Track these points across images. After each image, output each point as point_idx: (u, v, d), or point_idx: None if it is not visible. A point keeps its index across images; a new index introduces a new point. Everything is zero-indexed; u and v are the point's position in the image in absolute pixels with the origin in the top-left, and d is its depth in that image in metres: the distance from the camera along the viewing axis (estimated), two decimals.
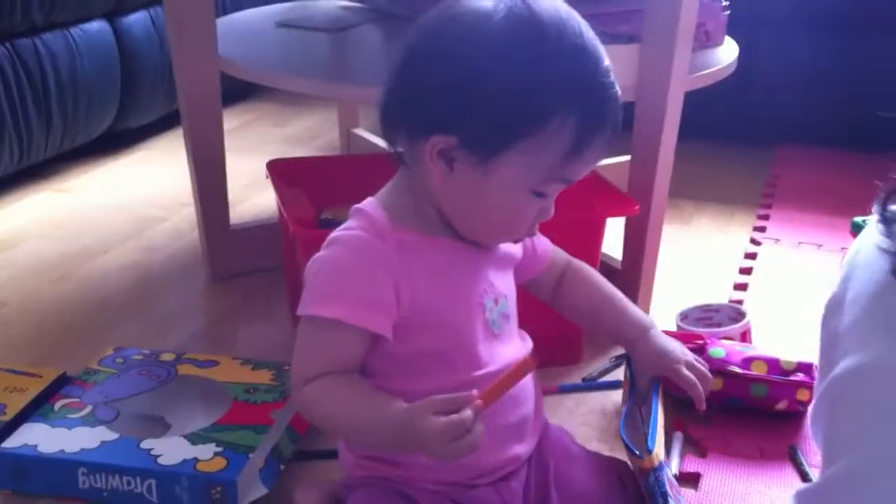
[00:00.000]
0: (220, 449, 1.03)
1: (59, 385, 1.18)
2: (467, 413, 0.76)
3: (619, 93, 0.84)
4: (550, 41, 0.79)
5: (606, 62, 0.82)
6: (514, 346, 0.92)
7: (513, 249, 0.95)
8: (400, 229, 0.86)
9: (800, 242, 1.75)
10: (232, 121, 2.41)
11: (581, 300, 1.03)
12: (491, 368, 0.88)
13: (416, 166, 0.85)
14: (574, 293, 1.03)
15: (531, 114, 0.79)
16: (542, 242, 1.02)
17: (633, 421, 1.01)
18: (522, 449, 0.91)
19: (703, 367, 0.99)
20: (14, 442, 1.04)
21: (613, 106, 0.83)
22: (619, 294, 1.03)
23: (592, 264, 1.30)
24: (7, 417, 1.12)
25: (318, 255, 0.86)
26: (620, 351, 1.25)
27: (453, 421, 0.76)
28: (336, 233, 0.87)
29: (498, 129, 0.80)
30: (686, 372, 0.97)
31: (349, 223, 0.88)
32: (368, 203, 0.89)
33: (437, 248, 0.87)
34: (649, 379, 1.00)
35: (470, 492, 0.88)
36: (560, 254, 1.04)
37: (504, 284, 0.93)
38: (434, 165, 0.83)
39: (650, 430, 0.94)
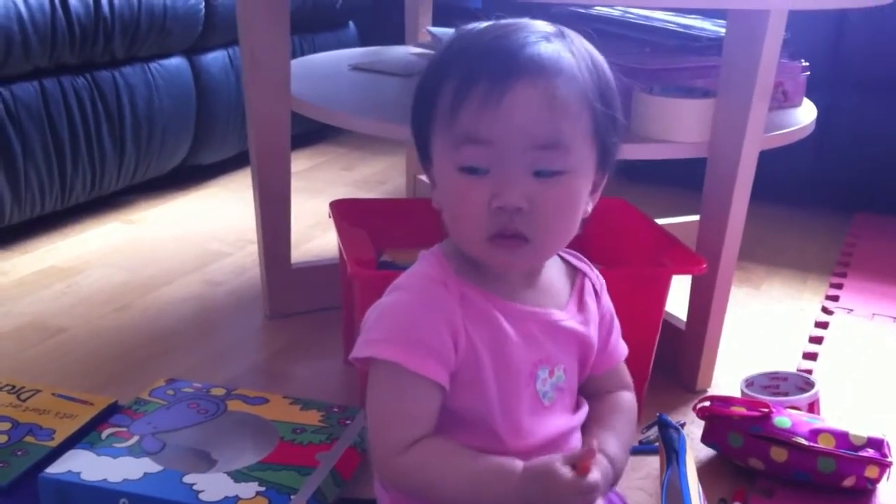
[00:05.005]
0: (262, 488, 1.01)
1: (109, 413, 1.18)
2: (597, 476, 0.78)
3: (507, 42, 0.79)
4: (459, 39, 0.83)
5: (524, 48, 0.78)
6: (564, 419, 0.88)
7: (590, 334, 0.90)
8: (464, 282, 0.84)
9: (874, 314, 1.69)
10: (302, 163, 2.43)
11: (594, 413, 0.93)
12: (534, 440, 0.84)
13: None
14: (597, 407, 0.93)
15: (425, 103, 0.83)
16: (620, 349, 0.96)
17: (674, 490, 0.97)
18: None
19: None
20: (59, 468, 1.03)
21: (484, 51, 0.79)
22: (627, 429, 0.93)
23: (655, 322, 1.28)
24: (55, 443, 1.12)
25: (379, 300, 0.85)
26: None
27: (593, 483, 0.77)
28: (399, 279, 0.85)
29: (417, 129, 0.86)
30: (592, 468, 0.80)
31: (413, 268, 0.86)
32: (434, 250, 0.87)
33: (496, 307, 0.84)
34: (678, 442, 0.96)
35: None
36: (625, 376, 0.97)
37: (566, 360, 0.88)
38: (431, 188, 0.86)
39: (685, 500, 0.90)
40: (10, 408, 1.18)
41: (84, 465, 1.03)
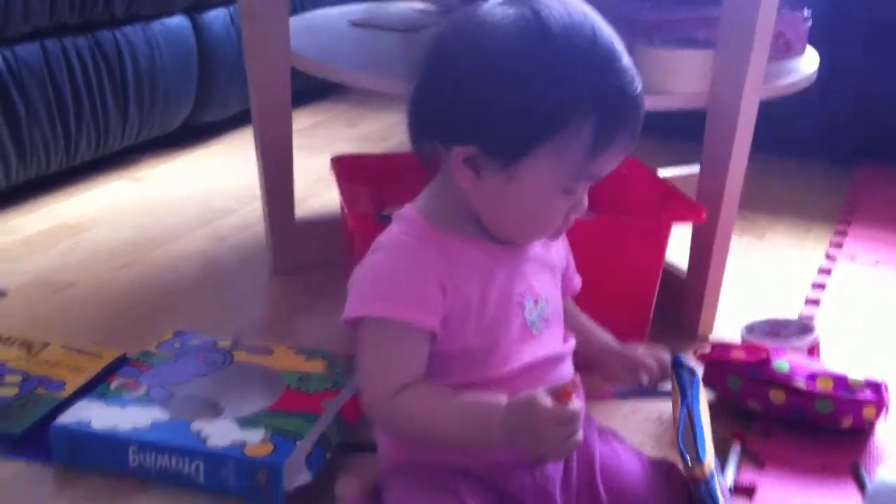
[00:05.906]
0: (268, 434, 1.03)
1: (118, 365, 1.20)
2: (578, 406, 0.79)
3: (640, 88, 0.83)
4: (558, 46, 0.79)
5: (624, 60, 0.82)
6: (552, 349, 0.92)
7: (553, 259, 0.95)
8: (440, 232, 0.87)
9: (877, 261, 1.70)
10: (304, 120, 2.44)
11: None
12: (521, 363, 0.88)
13: (448, 171, 0.86)
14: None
15: (544, 120, 0.80)
16: (578, 279, 1.03)
17: (686, 429, 0.99)
18: None
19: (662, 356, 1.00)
20: (70, 418, 1.06)
21: (632, 102, 0.82)
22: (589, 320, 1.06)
23: (655, 271, 1.29)
24: (66, 394, 1.14)
25: (362, 262, 0.87)
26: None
27: (573, 411, 0.78)
28: (378, 240, 0.88)
29: (514, 138, 0.81)
30: (645, 359, 0.98)
31: (390, 228, 0.89)
32: (407, 208, 0.90)
33: (475, 250, 0.87)
34: (692, 383, 0.98)
35: (504, 471, 0.88)
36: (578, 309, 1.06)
37: (546, 288, 0.92)
38: (461, 173, 0.84)
39: (698, 438, 0.92)
40: (22, 361, 1.20)
41: (94, 415, 1.06)
